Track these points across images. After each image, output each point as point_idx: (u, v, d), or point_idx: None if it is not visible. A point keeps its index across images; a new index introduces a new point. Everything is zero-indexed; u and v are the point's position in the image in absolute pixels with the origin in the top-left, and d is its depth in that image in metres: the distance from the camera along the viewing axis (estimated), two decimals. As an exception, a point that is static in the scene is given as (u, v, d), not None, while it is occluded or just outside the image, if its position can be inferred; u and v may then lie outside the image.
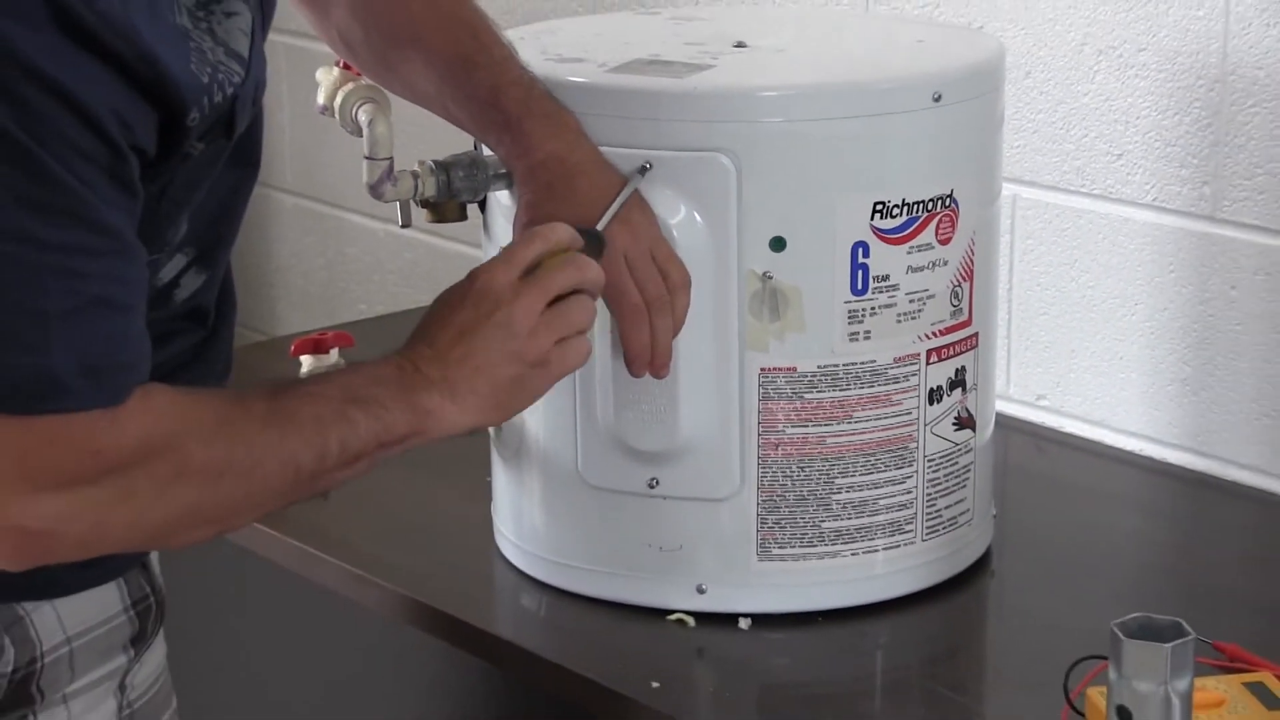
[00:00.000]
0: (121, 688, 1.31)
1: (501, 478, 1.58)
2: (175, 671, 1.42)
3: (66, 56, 1.04)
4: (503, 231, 1.49)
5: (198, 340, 1.27)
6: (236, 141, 1.23)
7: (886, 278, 1.43)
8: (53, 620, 1.24)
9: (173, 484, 1.14)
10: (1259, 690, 1.32)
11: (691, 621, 1.48)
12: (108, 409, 1.10)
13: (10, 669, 1.21)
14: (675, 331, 1.40)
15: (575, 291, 1.30)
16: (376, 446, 1.22)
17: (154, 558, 1.35)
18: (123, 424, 1.12)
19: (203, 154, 1.17)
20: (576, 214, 1.37)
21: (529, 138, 1.40)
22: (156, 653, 1.38)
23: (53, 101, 1.04)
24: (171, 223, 1.19)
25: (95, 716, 1.28)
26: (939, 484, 1.49)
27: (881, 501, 1.47)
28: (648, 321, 1.38)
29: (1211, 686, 1.30)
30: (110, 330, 1.10)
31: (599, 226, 1.37)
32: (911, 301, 1.44)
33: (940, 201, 1.44)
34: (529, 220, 1.40)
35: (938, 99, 1.43)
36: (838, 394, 1.44)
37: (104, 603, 1.28)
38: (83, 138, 1.05)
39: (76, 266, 1.07)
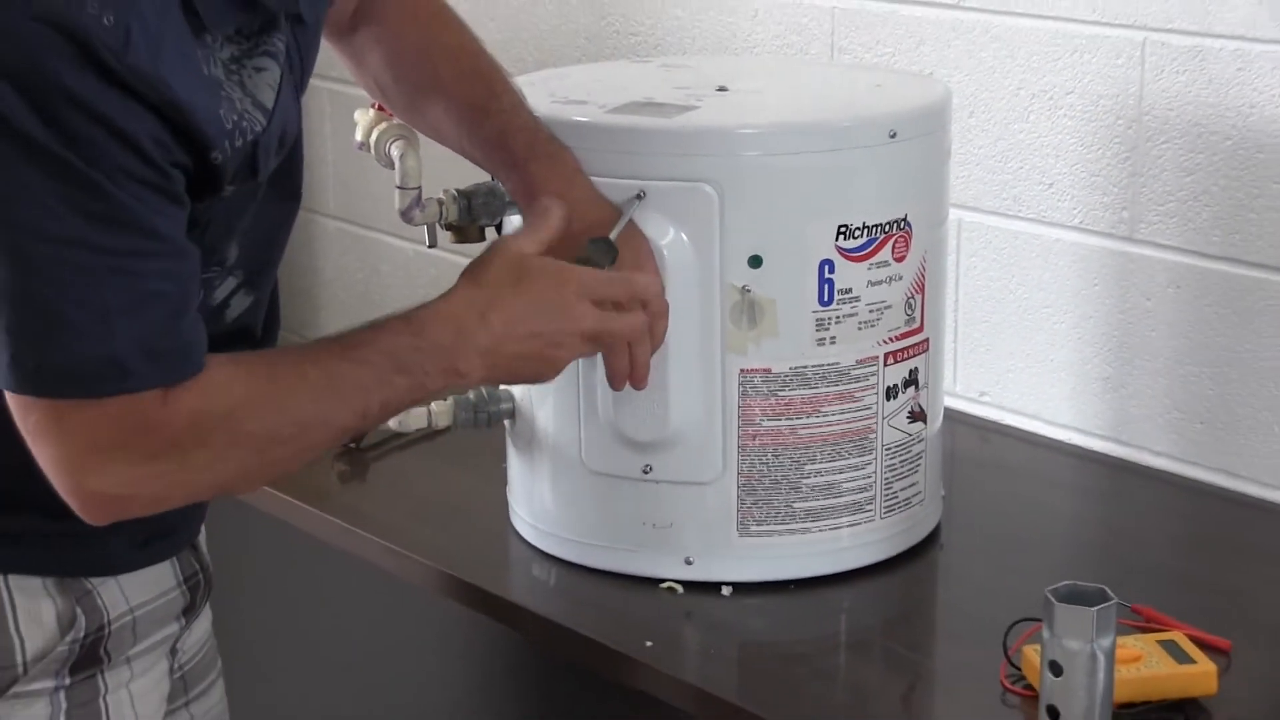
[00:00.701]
0: (173, 651, 1.33)
1: (516, 464, 1.58)
2: (227, 637, 1.41)
3: (108, 95, 1.04)
4: (516, 251, 1.49)
5: None
6: (279, 178, 1.22)
7: (849, 291, 1.43)
8: (117, 593, 1.25)
9: (227, 453, 1.14)
10: (1170, 647, 1.32)
11: (680, 589, 1.47)
12: (161, 389, 1.10)
13: (83, 634, 1.22)
14: (653, 351, 1.38)
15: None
16: (411, 403, 1.23)
17: (203, 539, 1.35)
18: (175, 404, 1.11)
19: (235, 193, 1.16)
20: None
21: (533, 177, 1.40)
22: (203, 622, 1.38)
23: (99, 130, 1.04)
24: (220, 247, 1.19)
25: (152, 675, 1.29)
26: (895, 469, 1.49)
27: (845, 485, 1.47)
28: (628, 350, 1.35)
29: (1131, 644, 1.30)
30: (166, 319, 1.09)
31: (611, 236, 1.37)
32: (871, 311, 1.44)
33: (896, 225, 1.44)
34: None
35: (893, 135, 1.43)
36: (807, 391, 1.44)
37: (160, 579, 1.29)
38: (128, 160, 1.05)
39: (132, 267, 1.07)
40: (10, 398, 1.09)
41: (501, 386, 1.56)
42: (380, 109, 1.54)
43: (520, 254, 1.28)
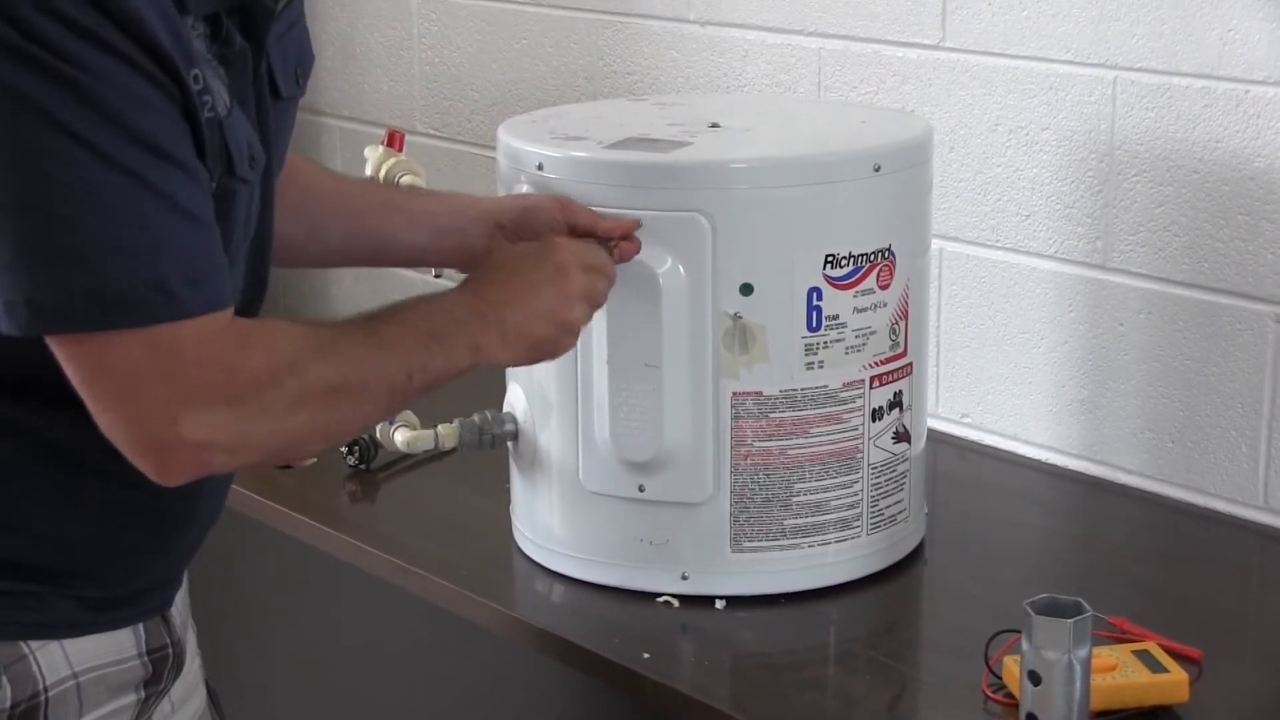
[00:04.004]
0: None
1: (518, 484, 1.57)
2: (243, 653, 1.38)
3: (107, 26, 1.00)
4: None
5: None
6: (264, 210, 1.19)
7: (836, 317, 1.43)
8: (59, 657, 1.14)
9: (300, 400, 1.10)
10: (1144, 657, 1.31)
11: (676, 603, 1.47)
12: (239, 327, 1.08)
13: (9, 704, 1.12)
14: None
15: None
16: (444, 375, 1.20)
17: (175, 612, 1.25)
18: (250, 347, 1.09)
19: (219, 191, 1.11)
20: None
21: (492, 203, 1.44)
22: (194, 700, 1.30)
23: (105, 55, 1.00)
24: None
25: None
26: (881, 488, 1.49)
27: (833, 503, 1.47)
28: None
29: (1106, 654, 1.30)
30: (205, 244, 1.06)
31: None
32: (857, 336, 1.44)
33: (880, 254, 1.44)
34: None
35: (877, 169, 1.43)
36: (797, 413, 1.44)
37: (118, 645, 1.19)
38: (140, 85, 1.02)
39: (167, 190, 1.03)
40: (80, 356, 1.04)
41: (506, 409, 1.56)
42: (389, 144, 1.54)
43: (520, 248, 1.31)
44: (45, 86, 0.99)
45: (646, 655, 1.38)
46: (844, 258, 1.42)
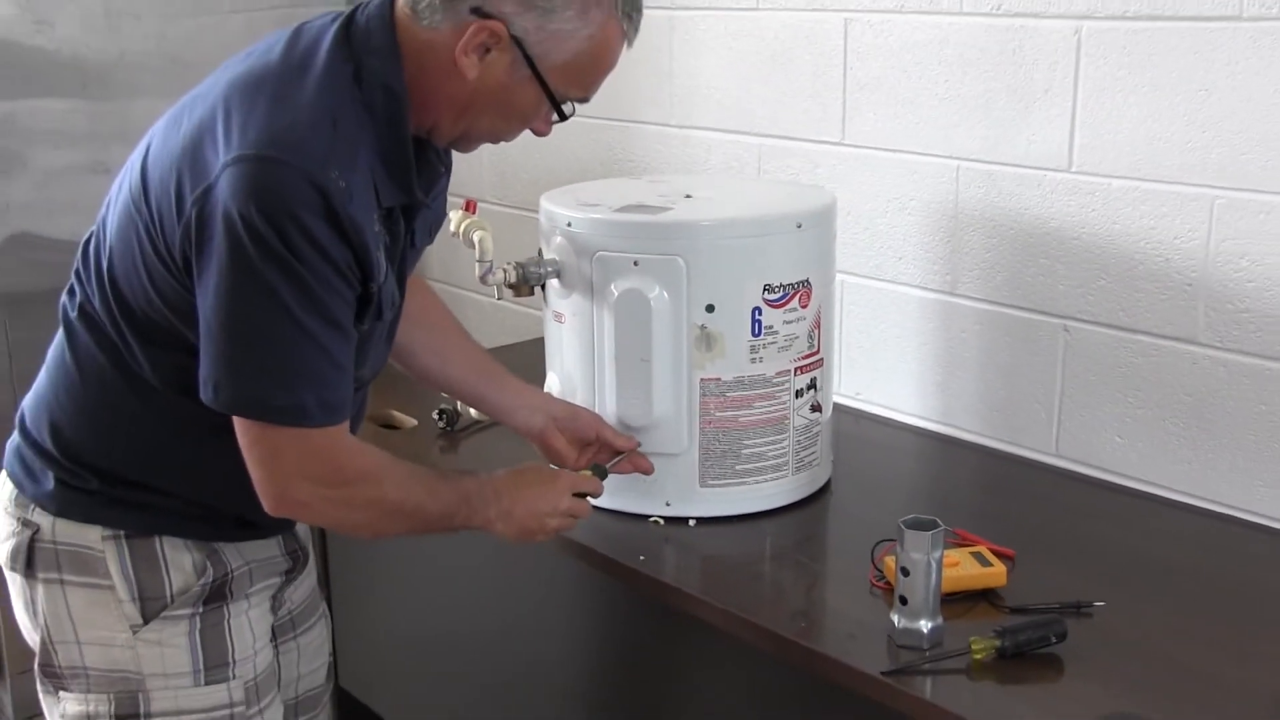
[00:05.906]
0: (275, 599, 1.32)
1: (555, 440, 1.57)
2: (356, 559, 1.38)
3: (331, 236, 1.06)
4: (555, 303, 1.48)
5: None
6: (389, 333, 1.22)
7: (772, 327, 1.44)
8: (235, 553, 1.25)
9: (369, 505, 1.15)
10: (977, 555, 1.32)
11: (662, 522, 1.47)
12: (353, 444, 1.12)
13: (211, 579, 1.23)
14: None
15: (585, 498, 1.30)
16: (460, 528, 1.22)
17: (298, 529, 1.33)
18: (359, 456, 1.14)
19: (369, 330, 1.16)
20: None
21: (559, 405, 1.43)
22: (309, 580, 1.38)
23: (321, 258, 1.06)
24: (360, 368, 1.19)
25: (262, 609, 1.29)
26: (801, 443, 1.50)
27: (769, 453, 1.47)
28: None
29: (952, 554, 1.31)
30: (340, 382, 1.11)
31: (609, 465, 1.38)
32: (786, 340, 1.45)
33: (802, 284, 1.45)
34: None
35: (800, 226, 1.44)
36: (745, 393, 1.45)
37: (267, 547, 1.29)
38: (334, 278, 1.07)
39: (327, 346, 1.08)
40: (241, 428, 1.10)
41: (546, 388, 1.54)
42: (466, 209, 1.55)
43: (536, 466, 1.31)
44: (276, 270, 1.04)
45: (641, 558, 1.39)
46: (777, 286, 1.43)
